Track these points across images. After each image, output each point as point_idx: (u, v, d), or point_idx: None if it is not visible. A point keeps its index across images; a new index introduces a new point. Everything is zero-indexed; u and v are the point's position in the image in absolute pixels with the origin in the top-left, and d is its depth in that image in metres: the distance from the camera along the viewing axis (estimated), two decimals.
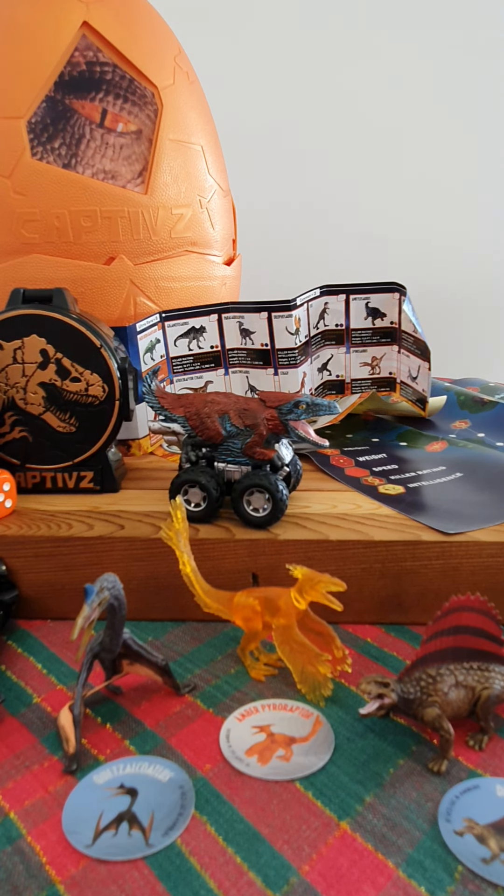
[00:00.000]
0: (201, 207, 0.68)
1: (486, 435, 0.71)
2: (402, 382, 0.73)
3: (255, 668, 0.47)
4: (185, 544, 0.46)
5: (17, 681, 0.47)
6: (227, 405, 0.53)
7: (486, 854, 0.33)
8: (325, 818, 0.36)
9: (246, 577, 0.51)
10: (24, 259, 0.62)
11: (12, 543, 0.52)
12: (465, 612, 0.40)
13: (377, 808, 0.36)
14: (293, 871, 0.33)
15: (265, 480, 0.51)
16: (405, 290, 0.69)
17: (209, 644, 0.50)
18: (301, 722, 0.42)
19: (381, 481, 0.60)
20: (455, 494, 0.57)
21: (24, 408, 0.57)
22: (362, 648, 0.49)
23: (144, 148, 0.65)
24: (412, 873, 0.33)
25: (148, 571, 0.52)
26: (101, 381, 0.56)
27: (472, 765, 0.39)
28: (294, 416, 0.51)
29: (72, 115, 0.62)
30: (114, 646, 0.42)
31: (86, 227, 0.62)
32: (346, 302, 0.70)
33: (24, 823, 0.36)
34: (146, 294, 0.66)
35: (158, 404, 0.54)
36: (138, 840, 0.34)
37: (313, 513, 0.54)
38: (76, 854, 0.34)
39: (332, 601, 0.42)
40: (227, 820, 0.36)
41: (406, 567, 0.50)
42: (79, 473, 0.59)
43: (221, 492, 0.53)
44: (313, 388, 0.72)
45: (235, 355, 0.69)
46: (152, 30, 0.66)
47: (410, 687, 0.39)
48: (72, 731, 0.40)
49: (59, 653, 0.50)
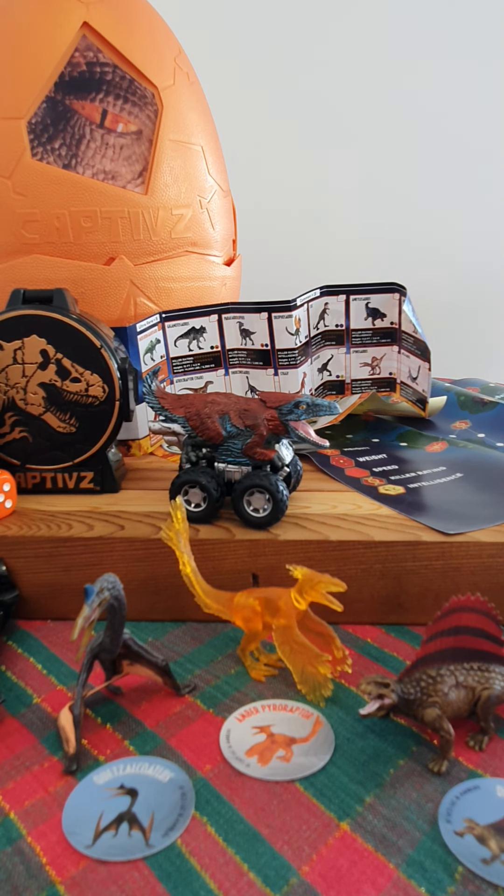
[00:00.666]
0: (201, 208, 0.68)
1: (487, 435, 0.71)
2: (402, 383, 0.73)
3: (255, 668, 0.47)
4: (186, 545, 0.46)
5: (17, 681, 0.47)
6: (227, 405, 0.53)
7: (487, 855, 0.33)
8: (326, 819, 0.36)
9: (246, 577, 0.51)
10: (24, 259, 0.62)
11: (12, 544, 0.52)
12: (465, 613, 0.40)
13: (377, 809, 0.36)
14: (293, 872, 0.33)
15: (265, 481, 0.51)
16: (405, 291, 0.69)
17: (209, 644, 0.50)
18: (301, 722, 0.42)
19: (381, 482, 0.60)
20: (455, 495, 0.57)
21: (25, 408, 0.57)
22: (362, 649, 0.49)
23: (144, 148, 0.65)
24: (412, 874, 0.33)
25: (148, 572, 0.52)
26: (102, 382, 0.56)
27: (472, 765, 0.39)
28: (294, 417, 0.51)
29: (72, 116, 0.62)
30: (114, 646, 0.42)
31: (86, 228, 0.62)
32: (346, 302, 0.70)
33: (24, 824, 0.36)
34: (146, 294, 0.66)
35: (159, 405, 0.54)
36: (138, 840, 0.34)
37: (313, 513, 0.54)
38: (76, 854, 0.34)
39: (332, 602, 0.42)
40: (228, 820, 0.36)
41: (406, 567, 0.50)
42: (79, 474, 0.59)
43: (222, 492, 0.53)
44: (313, 389, 0.72)
45: (235, 356, 0.69)
46: (152, 30, 0.66)
47: (410, 687, 0.39)
48: (72, 731, 0.40)
49: (60, 653, 0.50)
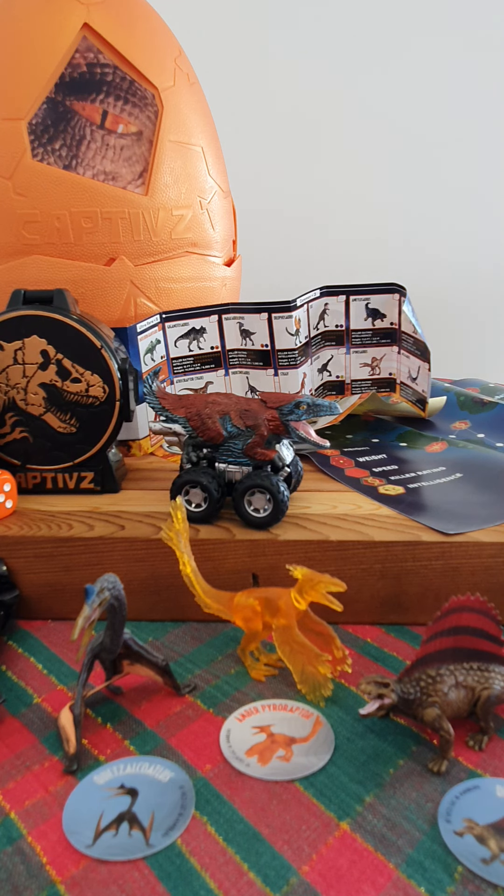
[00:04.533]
0: (201, 208, 0.68)
1: (486, 435, 0.71)
2: (401, 383, 0.73)
3: (255, 668, 0.47)
4: (186, 545, 0.46)
5: (17, 681, 0.47)
6: (228, 406, 0.53)
7: (486, 854, 0.34)
8: (325, 818, 0.36)
9: (246, 577, 0.51)
10: (24, 260, 0.62)
11: (13, 544, 0.52)
12: (465, 613, 0.40)
13: (377, 809, 0.36)
14: (293, 872, 0.33)
15: (266, 481, 0.51)
16: (405, 291, 0.69)
17: (209, 644, 0.50)
18: (301, 722, 0.42)
19: (381, 482, 0.60)
20: (455, 495, 0.57)
21: (25, 408, 0.58)
22: (362, 649, 0.49)
23: (145, 149, 0.65)
24: (412, 874, 0.33)
25: (148, 572, 0.52)
26: (102, 382, 0.56)
27: (472, 765, 0.39)
28: (295, 417, 0.51)
29: (72, 117, 0.62)
30: (114, 646, 0.42)
31: (86, 229, 0.62)
32: (346, 303, 0.70)
33: (24, 823, 0.36)
34: (146, 295, 0.66)
35: (159, 405, 0.54)
36: (138, 840, 0.35)
37: (313, 513, 0.54)
38: (76, 854, 0.34)
39: (332, 601, 0.42)
40: (228, 820, 0.36)
41: (406, 567, 0.50)
42: (79, 474, 0.59)
43: (222, 492, 0.53)
44: (313, 389, 0.72)
45: (236, 356, 0.69)
46: (153, 31, 0.66)
47: (410, 687, 0.39)
48: (72, 731, 0.40)
49: (60, 653, 0.50)
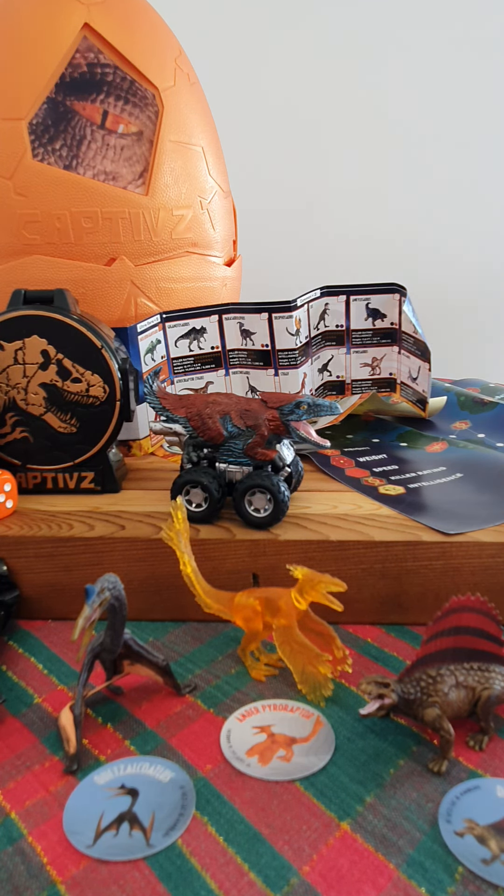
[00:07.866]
0: (202, 208, 0.68)
1: (487, 435, 0.71)
2: (402, 383, 0.73)
3: (255, 668, 0.47)
4: (186, 545, 0.46)
5: (17, 681, 0.47)
6: (228, 406, 0.53)
7: (487, 855, 0.34)
8: (326, 819, 0.36)
9: (246, 577, 0.51)
10: (25, 260, 0.62)
11: (13, 544, 0.52)
12: (465, 613, 0.40)
13: (377, 809, 0.36)
14: (294, 872, 0.33)
15: (267, 481, 0.51)
16: (405, 291, 0.69)
17: (210, 644, 0.50)
18: (301, 722, 0.42)
19: (381, 482, 0.60)
20: (455, 495, 0.57)
21: (25, 408, 0.58)
22: (362, 649, 0.49)
23: (145, 149, 0.65)
24: (412, 874, 0.33)
25: (149, 572, 0.52)
26: (102, 382, 0.56)
27: (472, 765, 0.39)
28: (295, 417, 0.51)
29: (73, 117, 0.62)
30: (114, 646, 0.42)
31: (87, 229, 0.62)
32: (346, 303, 0.70)
33: (24, 824, 0.36)
34: (147, 295, 0.66)
35: (160, 405, 0.54)
36: (139, 840, 0.35)
37: (314, 513, 0.54)
38: (77, 854, 0.34)
39: (332, 601, 0.42)
40: (228, 820, 0.36)
41: (406, 567, 0.50)
42: (80, 474, 0.59)
43: (223, 492, 0.53)
44: (314, 389, 0.72)
45: (236, 356, 0.69)
46: (153, 31, 0.66)
47: (411, 687, 0.39)
48: (72, 731, 0.40)
49: (60, 653, 0.50)
